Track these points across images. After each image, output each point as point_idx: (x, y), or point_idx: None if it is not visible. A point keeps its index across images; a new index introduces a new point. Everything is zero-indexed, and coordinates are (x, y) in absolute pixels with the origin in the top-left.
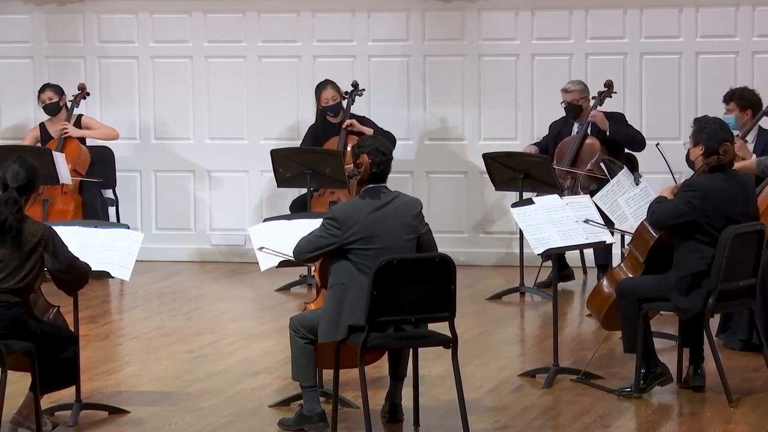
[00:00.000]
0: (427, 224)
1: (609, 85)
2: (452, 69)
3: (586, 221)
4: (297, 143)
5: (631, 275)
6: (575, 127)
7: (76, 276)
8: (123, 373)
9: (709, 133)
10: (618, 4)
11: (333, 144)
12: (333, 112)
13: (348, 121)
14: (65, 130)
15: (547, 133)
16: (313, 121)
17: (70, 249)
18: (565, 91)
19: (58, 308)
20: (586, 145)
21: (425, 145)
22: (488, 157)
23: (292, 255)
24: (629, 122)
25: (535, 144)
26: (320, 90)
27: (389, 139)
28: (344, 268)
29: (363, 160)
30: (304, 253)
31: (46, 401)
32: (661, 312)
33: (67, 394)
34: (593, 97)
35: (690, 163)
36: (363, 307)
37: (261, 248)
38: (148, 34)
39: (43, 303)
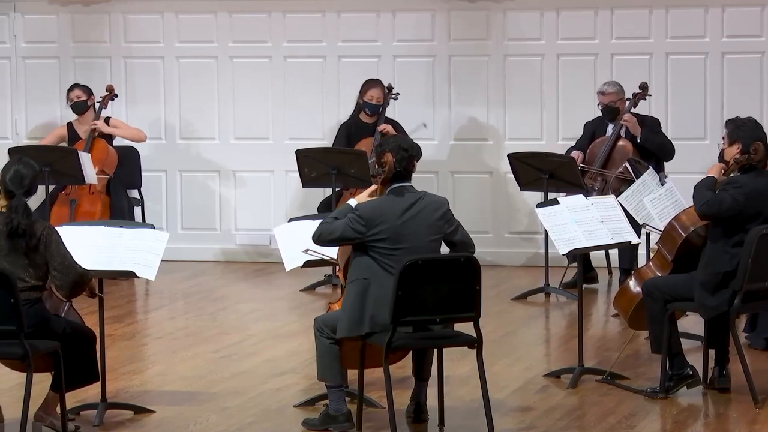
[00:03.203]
0: (456, 221)
1: (644, 87)
2: (477, 69)
3: (644, 225)
4: (322, 143)
5: (659, 274)
6: (610, 128)
7: (72, 277)
8: (148, 373)
9: (746, 132)
10: (643, 4)
11: (365, 144)
12: (372, 111)
13: (384, 126)
14: (95, 127)
15: (581, 132)
16: (345, 119)
17: (94, 249)
18: (601, 93)
19: (70, 303)
20: (618, 147)
21: (450, 145)
22: (513, 158)
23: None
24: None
25: (574, 147)
26: (369, 86)
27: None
28: (367, 264)
29: (387, 159)
30: (324, 240)
31: (71, 401)
32: (687, 313)
33: (92, 394)
34: (628, 99)
35: (724, 163)
36: (387, 303)
37: (306, 250)
38: (174, 34)
39: (55, 300)
